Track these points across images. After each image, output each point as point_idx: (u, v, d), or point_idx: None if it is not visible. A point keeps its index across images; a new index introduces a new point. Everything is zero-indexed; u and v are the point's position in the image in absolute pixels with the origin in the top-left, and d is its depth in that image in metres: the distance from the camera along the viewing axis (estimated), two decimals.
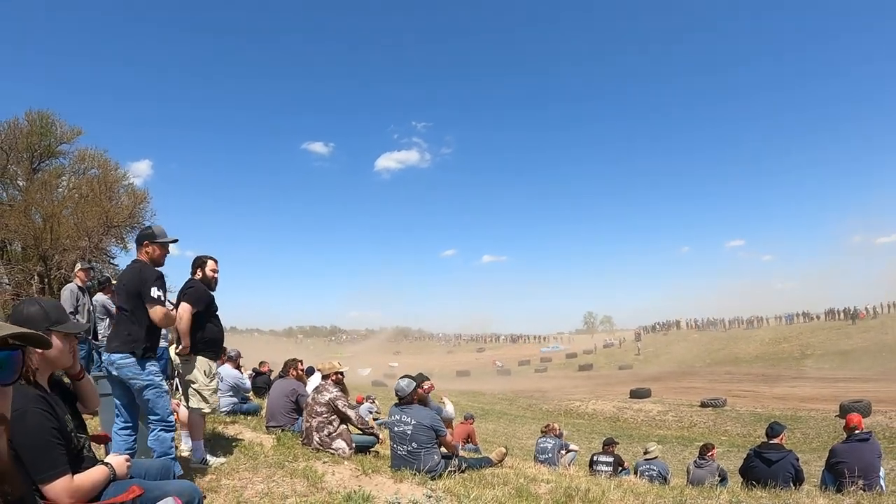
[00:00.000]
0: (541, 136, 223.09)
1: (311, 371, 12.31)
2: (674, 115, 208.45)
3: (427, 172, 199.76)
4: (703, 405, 37.38)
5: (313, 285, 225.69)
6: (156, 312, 4.97)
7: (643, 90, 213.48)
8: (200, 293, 6.15)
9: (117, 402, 5.07)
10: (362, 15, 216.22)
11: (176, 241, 5.52)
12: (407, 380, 6.97)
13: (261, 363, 15.28)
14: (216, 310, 6.34)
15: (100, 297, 10.09)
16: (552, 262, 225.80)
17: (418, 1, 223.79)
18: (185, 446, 6.52)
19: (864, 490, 6.46)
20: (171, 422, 5.05)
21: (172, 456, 4.97)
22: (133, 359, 4.89)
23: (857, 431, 7.76)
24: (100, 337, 9.69)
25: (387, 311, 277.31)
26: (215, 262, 6.44)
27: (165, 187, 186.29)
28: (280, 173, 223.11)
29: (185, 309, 5.96)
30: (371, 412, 17.25)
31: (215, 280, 6.39)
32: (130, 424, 5.07)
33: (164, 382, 5.14)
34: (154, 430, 4.96)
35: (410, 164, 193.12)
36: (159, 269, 5.29)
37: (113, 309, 8.32)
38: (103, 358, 5.17)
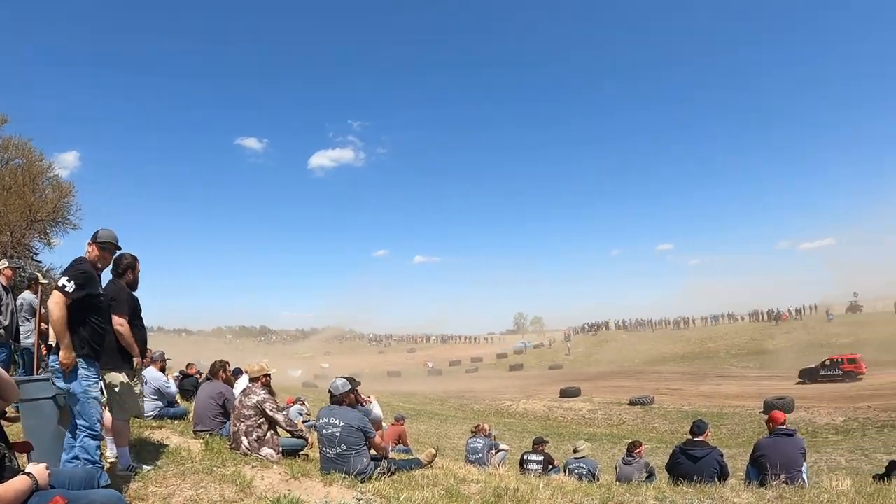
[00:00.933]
0: (475, 139, 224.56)
1: (238, 373, 12.12)
2: (604, 121, 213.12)
3: (361, 171, 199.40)
4: (632, 403, 38.42)
5: (244, 284, 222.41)
6: (52, 297, 4.81)
7: (575, 96, 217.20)
8: (124, 297, 5.78)
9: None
10: (302, 12, 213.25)
11: (118, 247, 5.44)
12: (342, 380, 6.93)
13: (188, 365, 14.94)
14: (140, 310, 6.10)
15: (27, 296, 9.65)
16: (484, 264, 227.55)
17: (359, 1, 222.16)
18: (110, 453, 6.35)
19: (787, 484, 6.63)
20: (97, 430, 4.91)
21: (98, 464, 4.84)
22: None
23: (780, 427, 7.99)
24: (22, 339, 9.31)
25: (318, 311, 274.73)
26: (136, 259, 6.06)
27: (93, 180, 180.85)
28: (213, 168, 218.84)
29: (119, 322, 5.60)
30: (301, 414, 17.07)
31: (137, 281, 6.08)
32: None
33: (93, 388, 4.96)
34: (80, 437, 4.81)
35: (345, 163, 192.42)
36: (99, 272, 5.23)
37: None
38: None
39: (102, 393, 5.34)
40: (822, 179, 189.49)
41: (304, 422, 11.40)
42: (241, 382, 10.10)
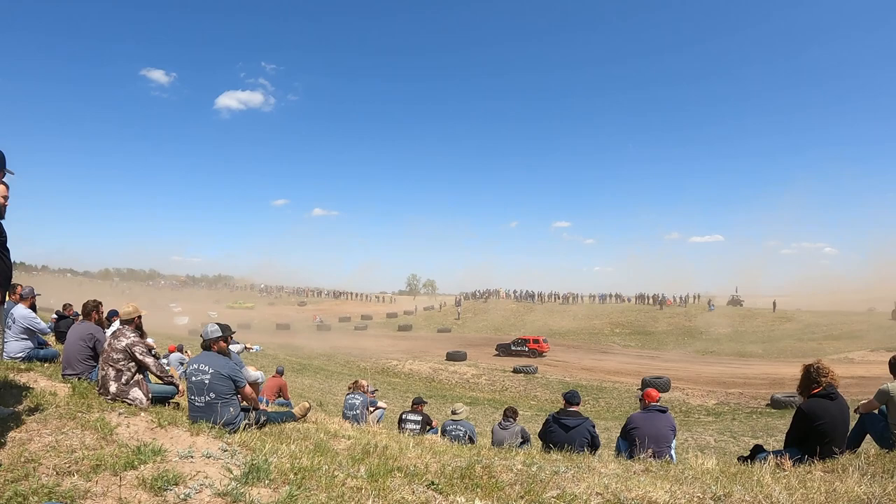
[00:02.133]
0: (387, 99, 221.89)
1: (114, 314, 11.73)
2: (515, 95, 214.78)
3: (269, 117, 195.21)
4: (516, 371, 39.62)
5: (136, 224, 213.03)
6: None
7: (487, 68, 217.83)
8: None
9: None
10: None
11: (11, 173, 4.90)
12: (214, 326, 6.82)
13: (65, 306, 14.21)
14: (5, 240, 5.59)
15: None
16: (383, 222, 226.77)
17: None
18: None
19: (655, 458, 6.96)
20: None
21: None
22: None
23: (654, 404, 8.35)
24: None
25: (209, 256, 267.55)
26: (6, 185, 5.25)
27: None
28: (112, 98, 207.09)
29: None
30: (182, 363, 16.75)
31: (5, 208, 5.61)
32: None
33: None
34: None
35: (253, 106, 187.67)
36: None
37: None
38: None
39: None
40: (718, 177, 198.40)
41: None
42: (116, 326, 9.76)
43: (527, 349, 49.33)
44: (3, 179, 5.02)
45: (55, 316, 13.34)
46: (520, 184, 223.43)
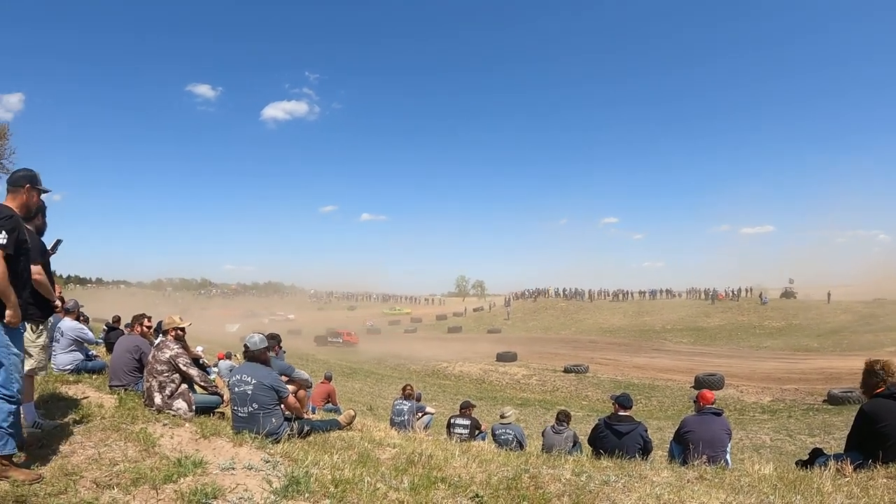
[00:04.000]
0: (430, 102, 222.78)
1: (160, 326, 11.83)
2: (561, 93, 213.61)
3: (314, 125, 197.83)
4: (567, 371, 39.03)
5: (188, 235, 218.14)
6: None
7: (531, 66, 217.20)
8: (36, 243, 5.21)
9: None
10: None
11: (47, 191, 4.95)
12: (259, 336, 6.79)
13: (114, 318, 14.46)
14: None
15: None
16: (430, 226, 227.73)
17: None
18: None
19: (709, 463, 6.58)
20: (13, 392, 4.36)
21: (5, 431, 4.28)
22: None
23: (708, 406, 8.02)
24: None
25: (261, 265, 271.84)
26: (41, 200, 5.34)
27: (38, 122, 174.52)
28: (161, 115, 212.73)
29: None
30: (232, 370, 16.89)
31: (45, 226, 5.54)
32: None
33: (14, 344, 4.42)
34: None
35: (298, 116, 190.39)
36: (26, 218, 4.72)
37: None
38: None
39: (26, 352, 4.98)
40: (768, 168, 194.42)
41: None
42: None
43: (340, 340, 59.93)
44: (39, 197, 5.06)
45: (104, 328, 13.52)
46: (568, 180, 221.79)
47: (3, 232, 4.26)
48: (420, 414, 12.95)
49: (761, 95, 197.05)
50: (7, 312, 4.33)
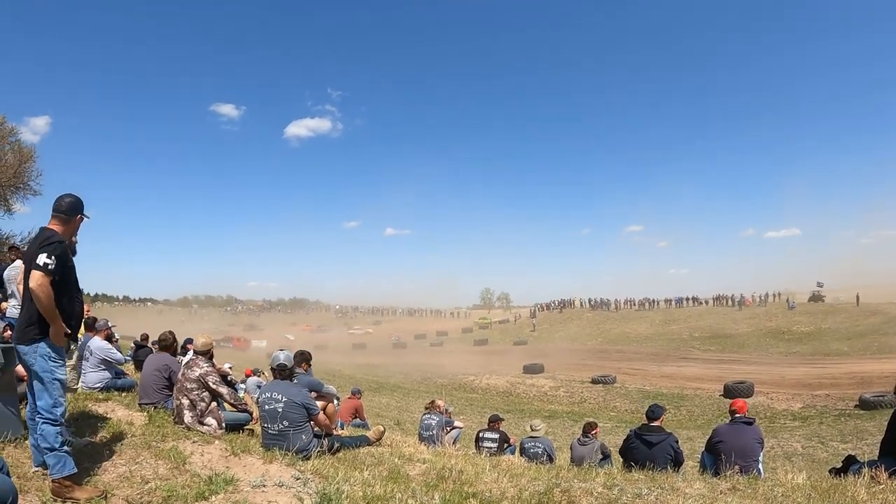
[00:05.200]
0: (451, 114, 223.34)
1: (189, 342, 11.89)
2: (580, 101, 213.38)
3: (338, 142, 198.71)
4: (594, 382, 38.72)
5: (213, 253, 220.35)
6: (32, 277, 4.35)
7: (550, 74, 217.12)
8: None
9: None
10: None
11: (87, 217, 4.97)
12: (285, 353, 6.82)
13: (143, 336, 14.59)
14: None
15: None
16: (454, 239, 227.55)
17: None
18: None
19: (742, 473, 6.48)
20: (57, 415, 4.40)
21: (61, 451, 4.35)
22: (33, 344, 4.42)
23: (739, 415, 7.94)
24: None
25: (285, 281, 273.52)
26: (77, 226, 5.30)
27: (64, 144, 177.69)
28: (185, 135, 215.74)
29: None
30: (259, 386, 16.92)
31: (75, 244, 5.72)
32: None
33: (59, 369, 4.51)
34: (38, 422, 4.40)
35: (321, 133, 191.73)
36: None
37: None
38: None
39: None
40: (791, 170, 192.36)
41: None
42: (191, 355, 9.87)
43: (232, 345, 64.22)
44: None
45: (133, 346, 13.63)
46: (590, 191, 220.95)
47: (53, 257, 4.37)
48: (448, 428, 12.85)
49: (780, 98, 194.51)
50: (52, 334, 4.43)
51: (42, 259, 4.33)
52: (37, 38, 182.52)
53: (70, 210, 4.73)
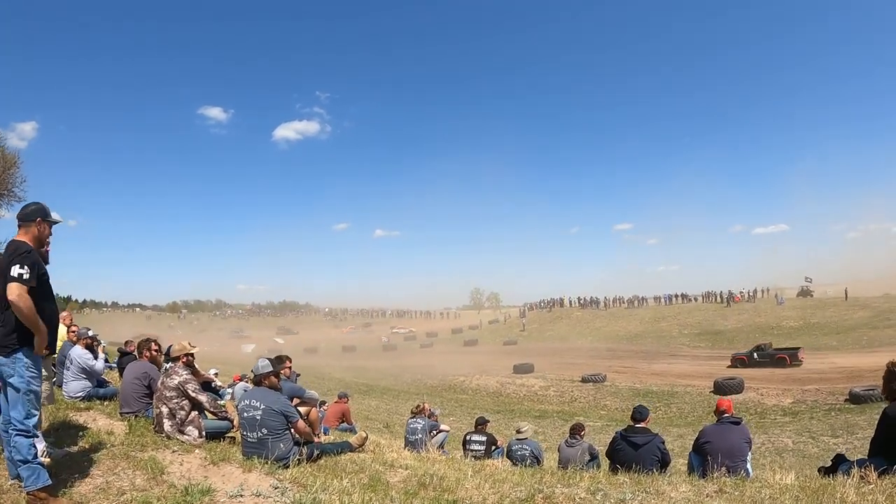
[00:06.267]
0: (439, 115, 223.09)
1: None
2: (567, 100, 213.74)
3: (326, 144, 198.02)
4: (584, 381, 38.80)
5: (202, 257, 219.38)
6: (10, 290, 4.32)
7: (540, 72, 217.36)
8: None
9: None
10: None
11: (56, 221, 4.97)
12: (265, 360, 6.78)
13: (126, 342, 14.34)
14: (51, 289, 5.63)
15: None
16: (444, 239, 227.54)
17: None
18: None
19: (729, 474, 6.48)
20: (29, 427, 4.37)
21: (33, 464, 4.32)
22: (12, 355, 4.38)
23: (727, 415, 7.93)
24: None
25: (274, 283, 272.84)
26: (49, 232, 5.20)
27: (51, 149, 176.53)
28: (173, 138, 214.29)
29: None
30: (247, 391, 16.84)
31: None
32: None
33: (35, 381, 4.47)
34: (10, 434, 4.34)
35: (310, 136, 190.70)
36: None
37: None
38: None
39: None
40: (779, 167, 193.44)
41: None
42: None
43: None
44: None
45: (119, 352, 13.47)
46: (579, 189, 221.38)
47: (25, 266, 4.39)
48: (434, 432, 12.83)
49: (768, 96, 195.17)
50: (37, 343, 4.46)
51: (16, 270, 4.35)
52: (23, 43, 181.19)
53: (29, 216, 4.73)
